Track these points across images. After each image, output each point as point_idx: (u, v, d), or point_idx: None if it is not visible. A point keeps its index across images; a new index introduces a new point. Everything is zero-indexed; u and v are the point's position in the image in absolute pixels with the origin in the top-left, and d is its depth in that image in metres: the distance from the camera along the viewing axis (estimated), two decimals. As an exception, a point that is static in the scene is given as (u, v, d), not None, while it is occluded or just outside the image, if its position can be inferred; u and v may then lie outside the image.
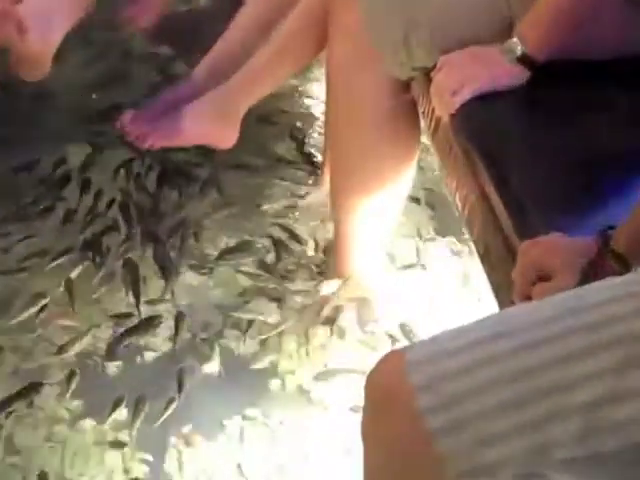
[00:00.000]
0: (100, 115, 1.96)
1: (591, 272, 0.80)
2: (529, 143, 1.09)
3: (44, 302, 1.54)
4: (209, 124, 1.59)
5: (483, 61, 1.18)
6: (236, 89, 1.60)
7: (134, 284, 1.60)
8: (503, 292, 1.01)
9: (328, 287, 1.61)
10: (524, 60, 1.16)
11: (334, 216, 1.57)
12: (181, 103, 1.62)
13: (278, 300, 1.61)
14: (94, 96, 2.04)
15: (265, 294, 1.62)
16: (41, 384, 1.42)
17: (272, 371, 1.49)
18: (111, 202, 1.79)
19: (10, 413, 1.37)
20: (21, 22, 1.54)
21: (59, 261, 1.63)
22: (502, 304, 1.02)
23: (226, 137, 1.63)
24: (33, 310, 1.53)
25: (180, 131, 1.59)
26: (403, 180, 1.50)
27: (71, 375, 1.44)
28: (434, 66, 1.25)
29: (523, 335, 0.68)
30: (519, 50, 1.16)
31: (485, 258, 1.07)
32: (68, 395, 1.41)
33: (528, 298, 0.85)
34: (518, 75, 1.17)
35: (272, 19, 1.61)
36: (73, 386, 1.42)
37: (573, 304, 0.68)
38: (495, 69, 1.17)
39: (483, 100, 1.17)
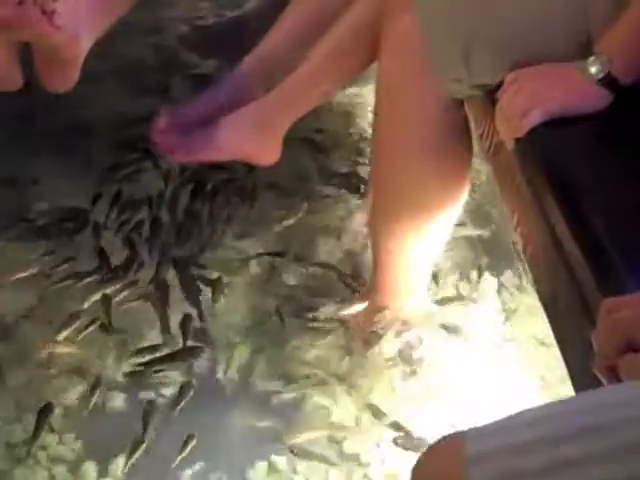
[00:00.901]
0: (135, 125, 1.81)
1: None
2: (613, 177, 0.93)
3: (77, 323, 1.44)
4: (248, 139, 1.45)
5: (558, 80, 1.03)
6: (280, 101, 1.46)
7: (163, 311, 1.48)
8: (573, 353, 0.86)
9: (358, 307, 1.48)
10: (607, 82, 1.01)
11: (373, 242, 1.42)
12: (220, 109, 1.47)
13: (314, 328, 1.47)
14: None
15: (298, 319, 1.48)
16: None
17: (301, 413, 1.34)
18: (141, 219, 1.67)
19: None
20: (54, 14, 1.39)
21: (89, 280, 1.52)
22: (571, 367, 0.86)
23: (267, 153, 1.48)
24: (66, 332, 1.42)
25: (216, 145, 1.44)
26: (451, 206, 1.35)
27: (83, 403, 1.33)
28: (497, 85, 1.10)
29: (612, 436, 0.53)
30: (602, 70, 1.01)
31: (551, 311, 0.92)
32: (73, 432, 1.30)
33: (612, 370, 0.70)
34: (599, 98, 1.01)
35: (323, 18, 1.47)
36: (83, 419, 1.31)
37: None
38: (572, 90, 1.02)
39: (556, 124, 1.02)
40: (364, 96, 1.93)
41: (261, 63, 1.55)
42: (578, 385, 0.84)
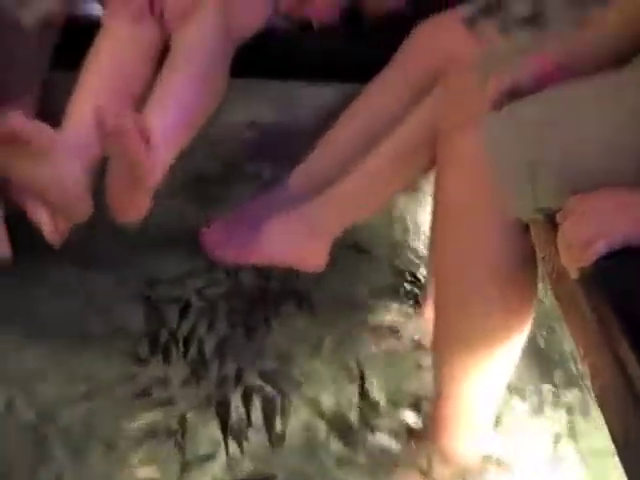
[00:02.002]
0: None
1: None
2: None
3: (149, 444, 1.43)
4: (294, 245, 1.44)
5: (623, 209, 0.99)
6: (330, 207, 1.46)
7: (225, 431, 1.46)
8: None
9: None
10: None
11: (436, 372, 1.36)
12: (272, 213, 1.48)
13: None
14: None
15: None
16: None
17: None
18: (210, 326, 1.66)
19: None
20: (149, 136, 1.36)
21: (155, 395, 1.52)
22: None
23: (313, 260, 1.46)
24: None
25: (261, 249, 1.44)
26: (517, 333, 1.29)
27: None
28: (559, 208, 1.08)
29: None
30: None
31: (623, 452, 0.86)
32: None
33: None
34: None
35: (379, 129, 1.47)
36: None
37: None
38: (638, 220, 0.98)
39: (623, 253, 0.98)
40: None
41: (315, 172, 1.55)
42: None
